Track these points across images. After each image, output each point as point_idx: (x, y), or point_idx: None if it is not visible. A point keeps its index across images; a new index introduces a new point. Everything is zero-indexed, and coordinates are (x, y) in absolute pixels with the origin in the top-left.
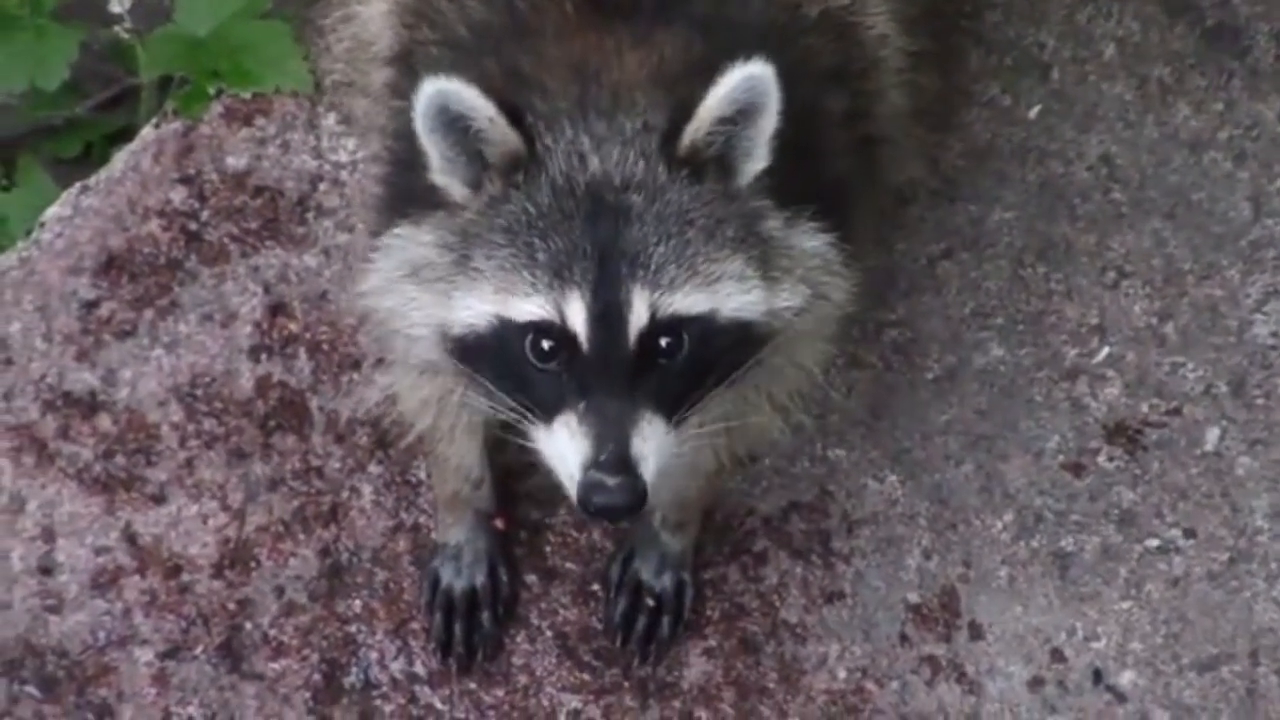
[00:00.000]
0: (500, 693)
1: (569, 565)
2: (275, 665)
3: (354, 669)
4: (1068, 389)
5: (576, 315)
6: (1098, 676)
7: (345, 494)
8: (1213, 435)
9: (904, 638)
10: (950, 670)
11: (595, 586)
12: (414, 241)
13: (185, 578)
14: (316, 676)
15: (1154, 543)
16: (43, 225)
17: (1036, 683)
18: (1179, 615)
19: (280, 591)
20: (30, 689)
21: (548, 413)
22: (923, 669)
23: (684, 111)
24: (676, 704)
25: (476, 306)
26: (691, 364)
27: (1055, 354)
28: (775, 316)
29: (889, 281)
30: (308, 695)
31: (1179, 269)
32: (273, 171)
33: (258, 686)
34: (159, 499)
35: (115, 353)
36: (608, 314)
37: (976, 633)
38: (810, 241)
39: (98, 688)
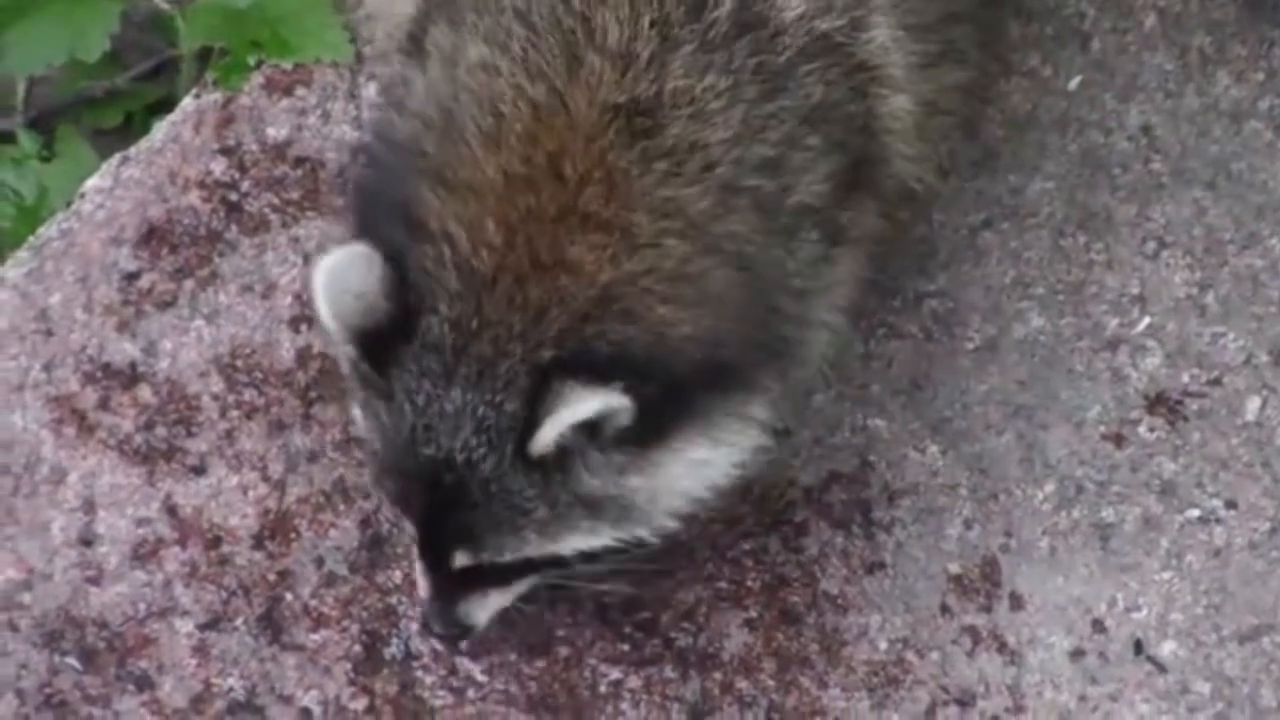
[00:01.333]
0: (541, 664)
1: None
2: (316, 636)
3: (395, 640)
4: (1108, 359)
5: (409, 529)
6: (1139, 647)
7: None
8: (1253, 405)
9: (945, 608)
10: (991, 641)
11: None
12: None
13: (225, 549)
14: (357, 648)
15: (1195, 513)
16: (83, 196)
17: (1077, 653)
18: (1220, 586)
19: (320, 562)
20: (70, 660)
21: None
22: (963, 639)
23: (536, 410)
24: (717, 675)
25: (360, 427)
26: (534, 569)
27: (1096, 324)
28: (634, 543)
29: (929, 252)
30: (348, 666)
31: (1220, 239)
32: (313, 142)
33: (298, 657)
34: (199, 470)
35: (155, 324)
36: (433, 551)
37: (1017, 603)
38: (684, 480)
39: (138, 659)
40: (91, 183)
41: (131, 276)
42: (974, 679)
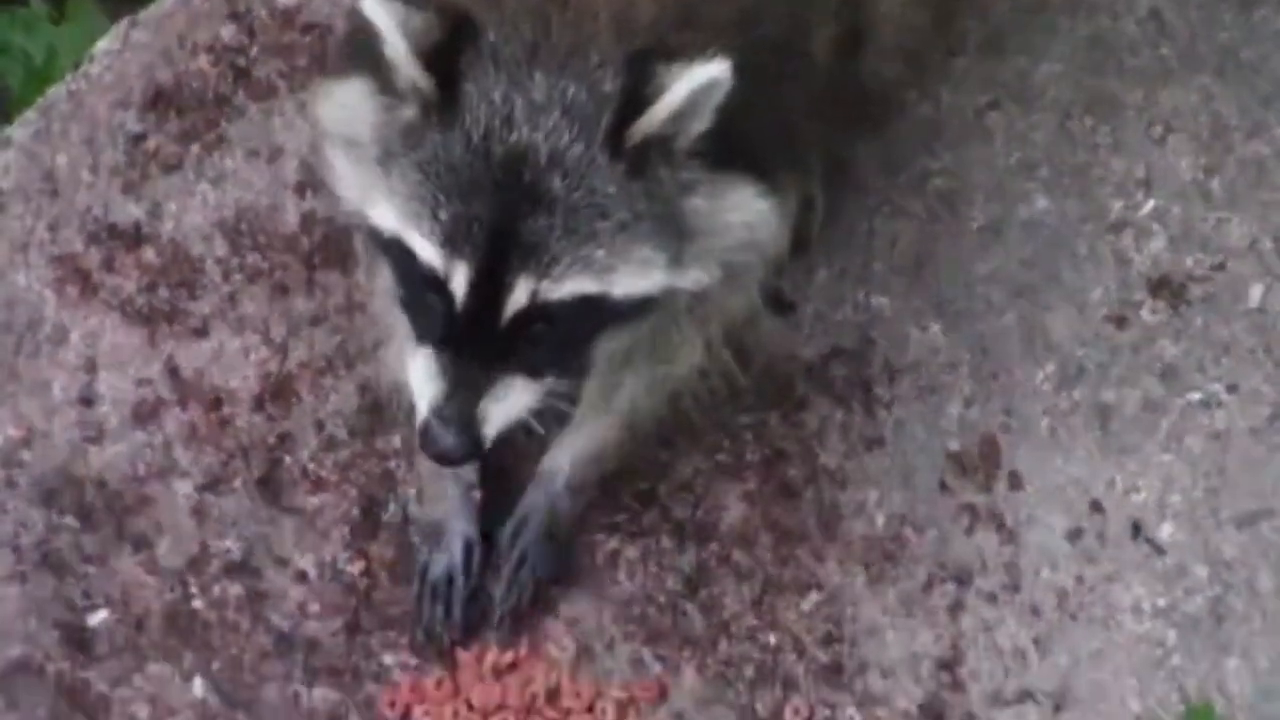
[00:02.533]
0: None
1: None
2: (314, 500)
3: (392, 504)
4: (1112, 242)
5: (458, 283)
6: (1136, 529)
7: (382, 327)
8: (1257, 291)
9: (943, 486)
10: (989, 519)
11: None
12: (355, 110)
13: (226, 411)
14: (355, 511)
15: (1196, 396)
16: (91, 59)
17: (1075, 534)
18: (1219, 470)
19: (320, 426)
20: (69, 519)
21: (420, 338)
22: (961, 518)
23: (640, 91)
24: (714, 546)
25: (386, 219)
26: (571, 332)
27: (1101, 207)
28: (676, 294)
29: (935, 130)
30: (346, 529)
31: (1226, 125)
32: (322, 8)
33: (296, 520)
34: (201, 332)
35: (161, 186)
36: (485, 294)
37: (1016, 483)
38: (738, 216)
39: (136, 519)
40: (100, 45)
41: (138, 139)
42: (971, 557)
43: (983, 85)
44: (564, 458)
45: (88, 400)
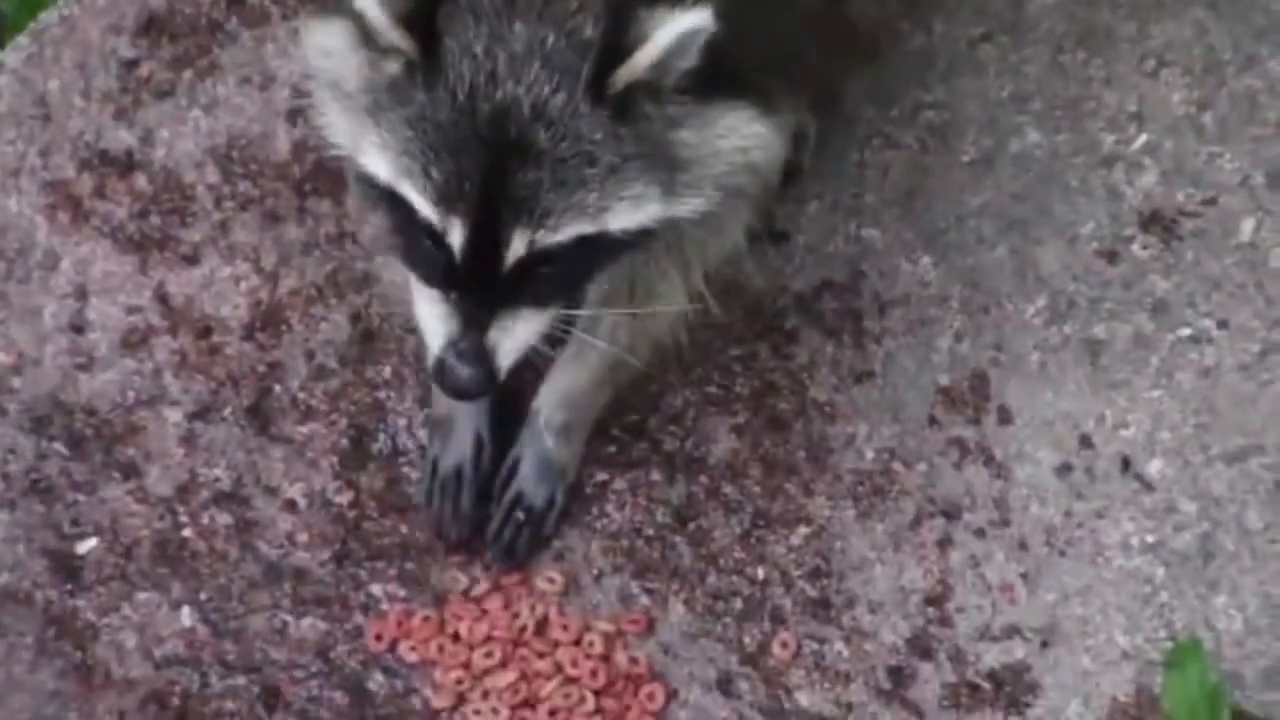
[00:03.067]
0: None
1: None
2: (303, 429)
3: (381, 434)
4: (1104, 176)
5: (456, 238)
6: (1126, 464)
7: (379, 259)
8: (1248, 226)
9: (933, 420)
10: (978, 454)
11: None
12: (342, 58)
13: (216, 339)
14: (344, 441)
15: (1186, 332)
16: None
17: (1064, 469)
18: (1209, 406)
19: (310, 355)
20: (58, 446)
21: (424, 280)
22: (951, 451)
23: (620, 38)
24: (703, 479)
25: (379, 170)
26: (574, 265)
27: (1092, 141)
28: (673, 223)
29: (928, 62)
30: (335, 459)
31: (1219, 59)
32: None
33: (285, 449)
34: (192, 260)
35: (153, 113)
36: (484, 246)
37: (1006, 417)
38: (728, 142)
39: (125, 446)
40: None
41: (130, 65)
42: (960, 491)
43: (975, 17)
44: (550, 398)
45: (78, 327)
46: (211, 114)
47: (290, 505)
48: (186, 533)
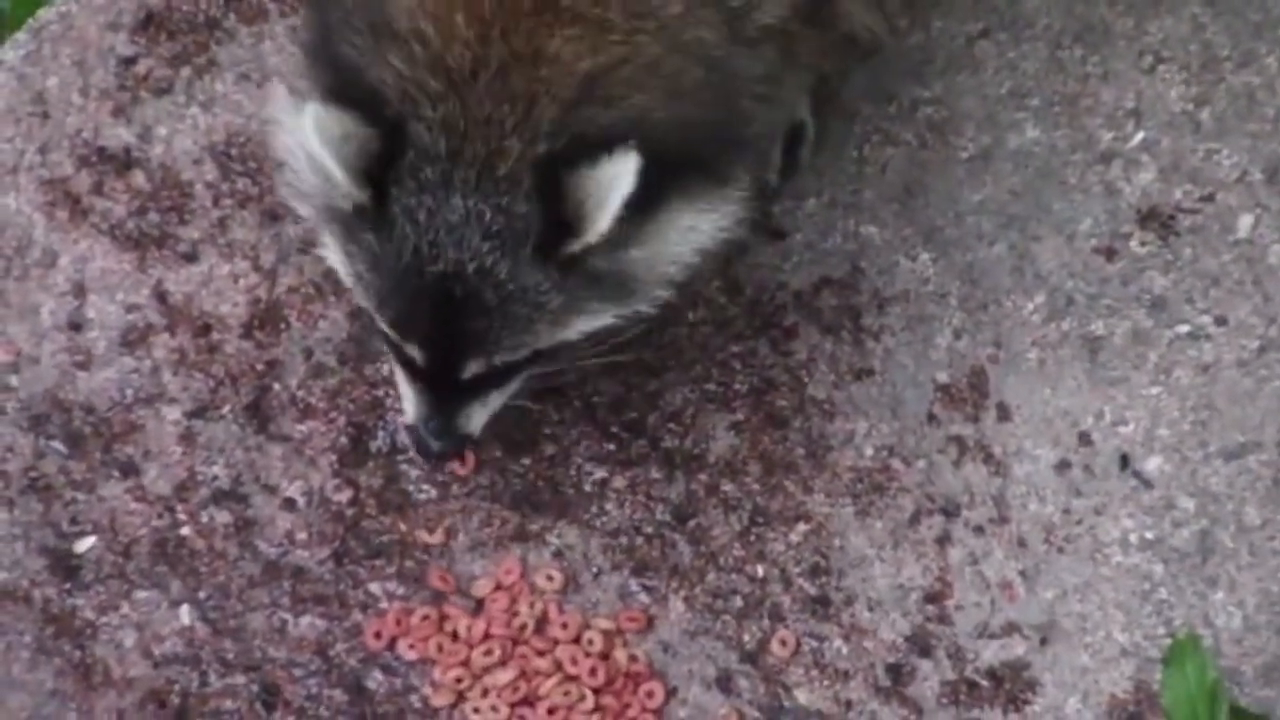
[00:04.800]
0: (526, 461)
1: None
2: (302, 427)
3: (381, 433)
4: (1102, 172)
5: (414, 353)
6: (1124, 461)
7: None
8: (1246, 223)
9: (932, 417)
10: (977, 451)
11: (626, 357)
12: (303, 161)
13: (215, 337)
14: (343, 440)
15: (1184, 329)
16: None
17: (1063, 466)
18: (1207, 402)
19: (309, 353)
20: (56, 444)
21: (396, 363)
22: (950, 448)
23: (558, 210)
24: (702, 476)
25: (338, 268)
26: (536, 362)
27: (1090, 137)
28: (634, 319)
29: (926, 59)
30: (333, 458)
31: (1217, 55)
32: None
33: (284, 448)
34: (191, 257)
35: (151, 110)
36: (441, 365)
37: (1004, 414)
38: (680, 242)
39: (124, 445)
40: None
41: (128, 62)
42: (959, 489)
43: (973, 13)
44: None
45: (76, 325)
46: (210, 111)
47: (289, 503)
48: (185, 531)
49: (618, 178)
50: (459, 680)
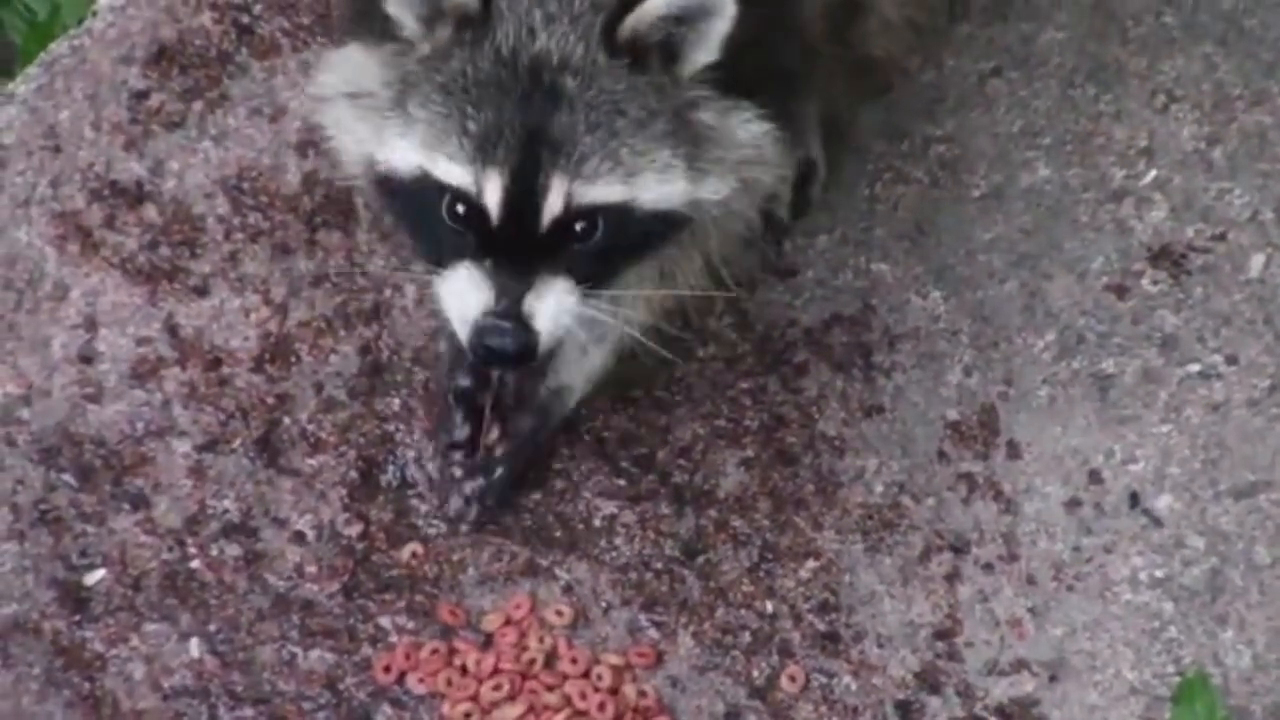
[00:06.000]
0: (536, 496)
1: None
2: (312, 461)
3: (390, 467)
4: (1113, 210)
5: (492, 194)
6: (1134, 500)
7: (388, 292)
8: (1257, 262)
9: (942, 454)
10: (987, 488)
11: (637, 393)
12: (360, 66)
13: (225, 371)
14: (353, 473)
15: (1195, 368)
16: (95, 14)
17: (1073, 504)
18: (1218, 441)
19: (320, 387)
20: (67, 477)
21: (452, 258)
22: (959, 486)
23: None
24: (712, 512)
25: (404, 153)
26: (605, 245)
27: (1102, 175)
28: (697, 206)
29: (938, 97)
30: (344, 492)
31: (1228, 94)
32: None
33: (294, 482)
34: (202, 291)
35: (163, 144)
36: (522, 198)
37: (1014, 452)
38: (745, 132)
39: (134, 478)
40: (104, 1)
41: (141, 96)
42: (969, 526)
43: (986, 51)
44: (571, 376)
45: (87, 358)
46: (222, 145)
47: (299, 537)
48: (195, 564)
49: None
50: (468, 715)
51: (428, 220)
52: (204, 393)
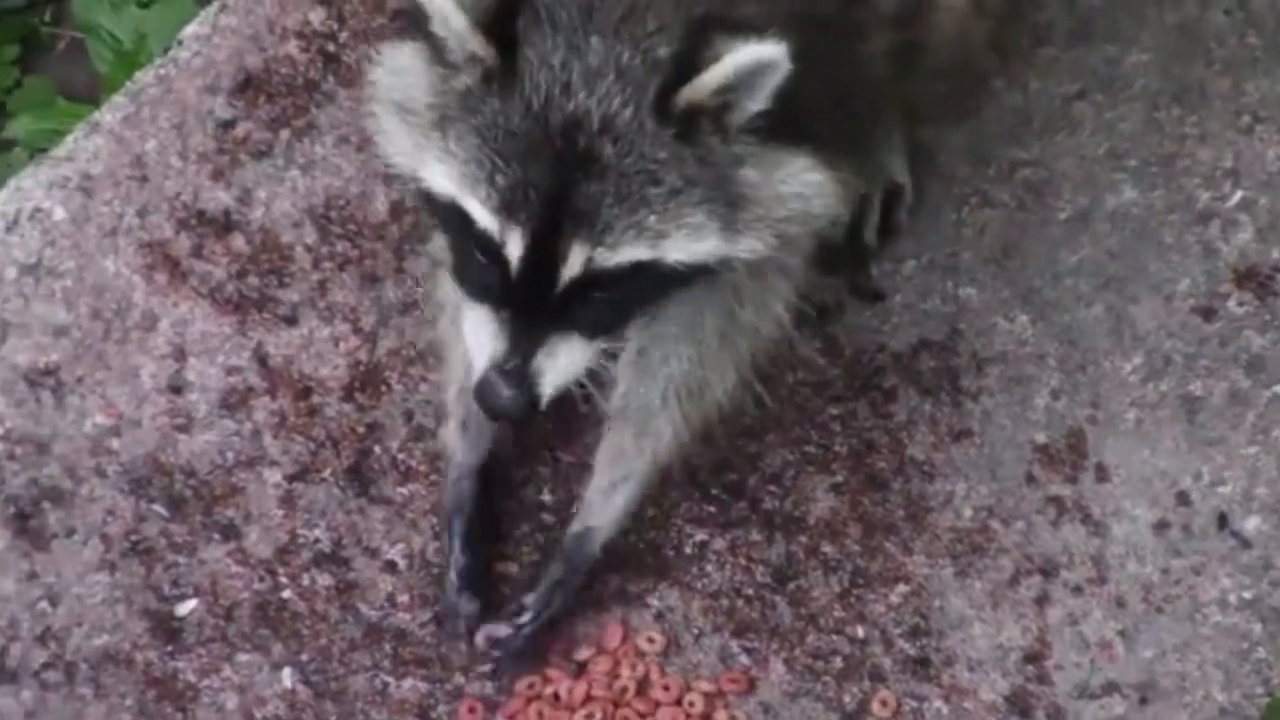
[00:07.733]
0: (627, 523)
1: None
2: (403, 490)
3: None
4: (1199, 233)
5: (513, 250)
6: (1223, 521)
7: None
8: None
9: (1030, 478)
10: (1075, 511)
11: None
12: (411, 74)
13: (315, 400)
14: None
15: None
16: (180, 43)
17: (1161, 526)
18: None
19: (409, 416)
20: (157, 507)
21: (476, 297)
22: (1048, 509)
23: (691, 58)
24: (803, 539)
25: (441, 182)
26: (626, 296)
27: (1188, 197)
28: (728, 263)
29: (1023, 120)
30: (434, 520)
31: None
32: None
33: (385, 511)
34: (291, 320)
35: (250, 173)
36: (541, 261)
37: (1103, 475)
38: (792, 187)
39: (225, 508)
40: (190, 29)
41: (227, 125)
42: (1058, 549)
43: (1071, 74)
44: (597, 518)
45: (176, 388)
46: (309, 174)
47: (390, 566)
48: (287, 594)
49: (761, 52)
50: None
51: (463, 248)
52: (294, 422)
